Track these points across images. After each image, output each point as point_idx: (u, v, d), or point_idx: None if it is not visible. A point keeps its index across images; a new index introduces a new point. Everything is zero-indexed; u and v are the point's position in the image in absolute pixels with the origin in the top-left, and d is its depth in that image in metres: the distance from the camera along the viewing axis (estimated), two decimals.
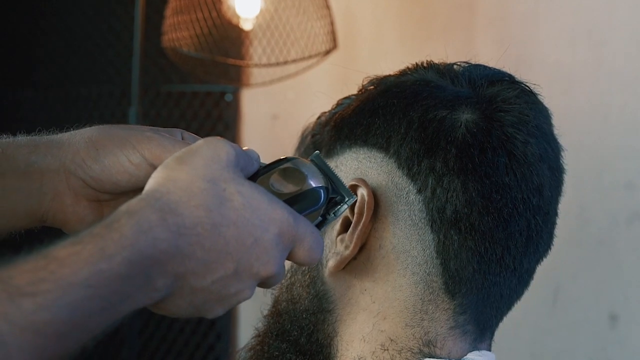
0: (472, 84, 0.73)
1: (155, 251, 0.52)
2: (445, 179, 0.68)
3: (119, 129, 0.66)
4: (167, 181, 0.55)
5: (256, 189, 0.58)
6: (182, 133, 0.68)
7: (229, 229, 0.56)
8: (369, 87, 0.76)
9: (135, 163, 0.64)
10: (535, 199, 0.70)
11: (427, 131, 0.69)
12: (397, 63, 0.78)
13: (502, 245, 0.69)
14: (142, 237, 0.52)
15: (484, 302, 0.71)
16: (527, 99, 0.72)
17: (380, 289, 0.71)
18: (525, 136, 0.70)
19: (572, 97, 1.71)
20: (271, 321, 0.76)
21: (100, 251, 0.50)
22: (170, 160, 0.58)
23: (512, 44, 1.77)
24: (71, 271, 0.49)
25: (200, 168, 0.56)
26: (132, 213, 0.53)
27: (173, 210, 0.54)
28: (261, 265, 0.58)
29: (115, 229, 0.52)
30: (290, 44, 1.87)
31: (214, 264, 0.55)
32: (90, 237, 0.51)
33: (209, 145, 0.58)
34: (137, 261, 0.51)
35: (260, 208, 0.57)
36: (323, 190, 0.64)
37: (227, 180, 0.57)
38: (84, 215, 0.66)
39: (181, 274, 0.54)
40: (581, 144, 1.65)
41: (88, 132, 0.66)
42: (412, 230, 0.70)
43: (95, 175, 0.64)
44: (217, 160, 0.57)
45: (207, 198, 0.55)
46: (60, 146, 0.65)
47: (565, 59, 1.75)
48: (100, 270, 0.50)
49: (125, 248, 0.51)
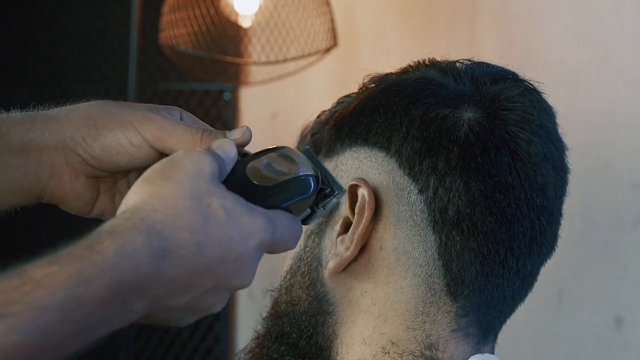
0: (474, 82, 0.73)
1: (136, 276, 0.52)
2: (448, 178, 0.68)
3: (119, 107, 0.65)
4: (152, 198, 0.55)
5: (238, 201, 0.58)
6: (181, 112, 0.68)
7: (213, 249, 0.55)
8: (369, 85, 0.76)
9: (136, 145, 0.64)
10: (539, 199, 0.70)
11: (429, 130, 0.69)
12: (399, 61, 0.78)
13: (506, 247, 0.69)
14: (125, 261, 0.51)
15: (487, 304, 0.71)
16: (531, 97, 0.72)
17: (381, 290, 0.71)
18: (529, 135, 0.70)
19: (576, 95, 1.71)
20: (270, 323, 0.76)
21: (79, 274, 0.49)
22: (152, 173, 0.57)
23: (515, 41, 1.77)
24: (46, 293, 0.48)
25: (186, 183, 0.56)
26: (116, 235, 0.52)
27: (159, 233, 0.53)
28: (239, 279, 0.58)
29: (97, 251, 0.51)
30: (290, 42, 1.87)
31: (194, 283, 0.55)
32: (69, 258, 0.50)
33: (192, 158, 0.58)
34: (116, 286, 0.51)
35: (242, 223, 0.57)
36: (313, 178, 0.64)
37: (211, 194, 0.56)
38: (81, 192, 0.66)
39: (161, 296, 0.54)
40: (586, 143, 1.65)
41: (87, 108, 0.65)
42: (414, 231, 0.70)
43: (95, 154, 0.64)
44: (201, 174, 0.57)
45: (192, 217, 0.55)
46: (58, 123, 0.65)
47: (570, 57, 1.75)
48: (77, 295, 0.49)
49: (105, 272, 0.50)
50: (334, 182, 0.65)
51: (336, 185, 0.65)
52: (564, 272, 1.69)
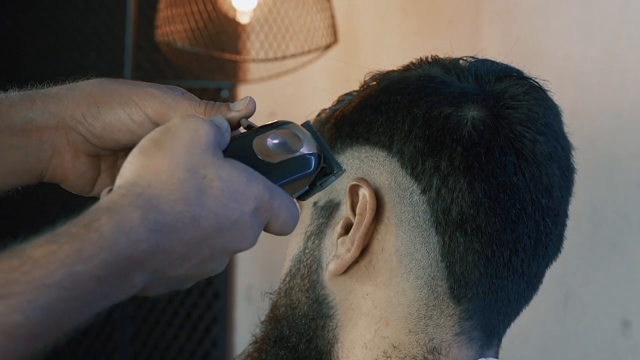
0: (478, 79, 0.73)
1: (134, 251, 0.53)
2: (451, 178, 0.68)
3: (119, 83, 0.66)
4: (147, 172, 0.56)
5: (235, 168, 0.58)
6: (183, 93, 0.68)
7: (208, 219, 0.56)
8: (371, 83, 0.76)
9: (138, 121, 0.65)
10: (544, 200, 0.70)
11: (432, 129, 0.69)
12: (401, 58, 0.78)
13: (510, 248, 0.69)
14: (123, 238, 0.52)
15: (491, 307, 0.71)
16: (536, 96, 0.72)
17: (383, 293, 0.71)
18: (534, 134, 0.70)
19: (582, 93, 1.71)
20: (269, 327, 0.76)
21: (78, 252, 0.51)
22: (147, 143, 0.57)
23: (520, 38, 1.77)
24: (46, 272, 0.49)
25: (180, 155, 0.56)
26: (113, 211, 0.53)
27: (155, 207, 0.54)
28: (236, 244, 0.59)
29: (95, 229, 0.52)
30: (289, 38, 1.87)
31: (191, 253, 0.56)
32: (68, 237, 0.51)
33: (188, 126, 0.58)
34: (115, 262, 0.52)
35: (238, 190, 0.58)
36: (315, 157, 0.64)
37: (207, 165, 0.57)
38: (83, 171, 0.67)
39: (159, 268, 0.55)
40: (593, 142, 1.65)
41: (87, 86, 0.66)
42: (416, 232, 0.70)
43: (96, 132, 0.65)
44: (197, 143, 0.57)
45: (187, 190, 0.56)
46: (58, 102, 0.65)
47: (576, 54, 1.75)
48: (77, 272, 0.50)
49: (103, 250, 0.51)
50: (334, 160, 0.66)
51: (335, 164, 0.66)
52: (570, 275, 1.69)
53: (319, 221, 0.74)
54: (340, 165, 0.66)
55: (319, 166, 0.65)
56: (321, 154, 0.65)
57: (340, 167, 0.66)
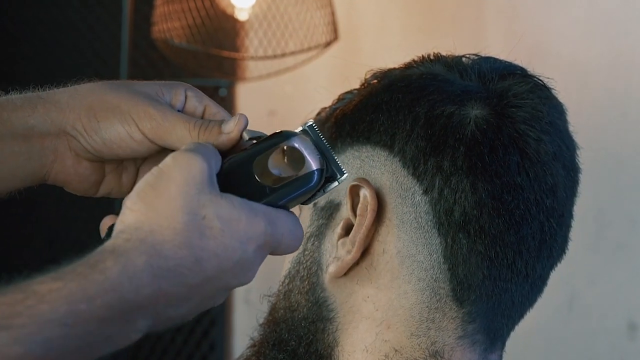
0: (481, 77, 0.73)
1: (138, 296, 0.54)
2: (453, 178, 0.68)
3: (121, 97, 0.66)
4: (148, 219, 0.57)
5: (234, 206, 0.59)
6: (187, 91, 0.68)
7: (210, 261, 0.58)
8: (372, 81, 0.76)
9: (137, 140, 0.65)
10: (549, 200, 0.70)
11: (434, 128, 0.69)
12: (402, 55, 0.78)
13: (514, 250, 0.69)
14: (126, 282, 0.54)
15: (495, 310, 0.71)
16: (541, 94, 0.72)
17: (384, 296, 0.71)
18: (538, 133, 0.70)
19: (588, 92, 1.71)
20: (268, 330, 0.76)
21: (82, 291, 0.52)
22: (145, 188, 0.58)
23: (524, 35, 1.77)
24: (49, 308, 0.51)
25: (177, 198, 0.57)
26: (118, 255, 0.55)
27: (158, 253, 0.56)
28: (239, 280, 0.60)
29: (100, 270, 0.54)
30: (289, 35, 1.87)
31: (194, 295, 0.58)
32: (73, 275, 0.53)
33: (180, 166, 0.58)
34: (117, 305, 0.54)
35: (238, 229, 0.59)
36: (318, 173, 0.64)
37: (204, 205, 0.58)
38: (85, 175, 0.68)
39: (162, 311, 0.57)
40: (598, 141, 1.65)
41: (88, 97, 0.66)
42: (418, 234, 0.70)
43: (96, 146, 0.66)
44: (192, 183, 0.58)
45: (189, 233, 0.57)
46: (59, 110, 0.66)
47: (581, 51, 1.75)
48: (80, 311, 0.52)
49: (107, 292, 0.53)
50: (336, 164, 0.66)
51: (339, 170, 0.65)
52: (575, 277, 1.69)
53: (318, 222, 0.73)
54: (341, 170, 0.65)
55: (322, 179, 0.64)
56: (324, 167, 0.64)
57: (342, 171, 0.65)
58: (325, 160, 0.65)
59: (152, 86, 0.67)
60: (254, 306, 0.73)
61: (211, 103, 0.68)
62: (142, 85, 0.67)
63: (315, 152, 0.64)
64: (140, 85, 0.67)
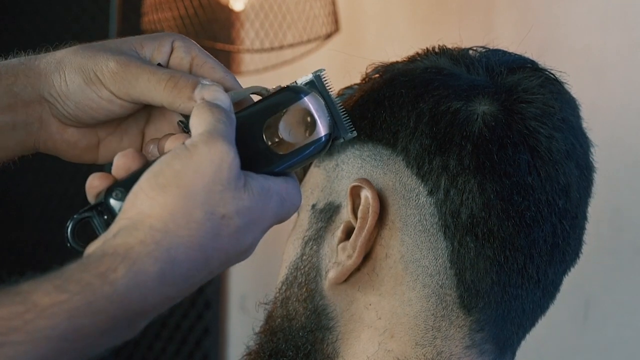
0: (490, 71, 0.73)
1: (144, 305, 0.55)
2: (460, 178, 0.68)
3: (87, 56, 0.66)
4: (164, 212, 0.57)
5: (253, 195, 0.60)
6: (175, 41, 0.69)
7: (219, 259, 0.59)
8: (373, 76, 0.76)
9: (107, 99, 0.66)
10: (561, 201, 0.70)
11: (440, 125, 0.69)
12: (406, 48, 0.78)
13: (525, 254, 0.70)
14: (135, 293, 0.55)
15: (504, 317, 0.71)
16: (552, 89, 0.72)
17: (387, 303, 0.71)
18: (549, 130, 0.70)
19: (604, 86, 1.71)
20: (264, 339, 0.76)
21: (87, 305, 0.53)
22: (167, 172, 0.58)
23: (535, 26, 1.77)
24: (48, 324, 0.51)
25: (200, 193, 0.58)
26: (130, 262, 0.55)
27: (173, 260, 0.56)
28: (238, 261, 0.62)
29: (110, 282, 0.54)
30: (287, 27, 1.87)
31: (195, 286, 0.60)
32: (80, 287, 0.53)
33: (213, 158, 0.58)
34: (122, 316, 0.54)
35: (254, 219, 0.60)
36: (327, 137, 0.66)
37: (226, 203, 0.59)
38: (74, 142, 0.69)
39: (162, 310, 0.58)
40: (614, 138, 1.65)
41: (61, 61, 0.67)
42: (423, 237, 0.70)
43: (71, 111, 0.67)
44: (219, 180, 0.58)
45: (204, 234, 0.58)
46: (37, 76, 0.67)
47: (596, 43, 1.75)
48: (82, 326, 0.53)
49: (114, 304, 0.54)
50: (342, 124, 0.68)
51: (343, 129, 0.67)
52: (590, 282, 1.69)
53: (317, 225, 0.74)
54: (346, 130, 0.67)
55: (330, 142, 0.66)
56: (332, 131, 0.66)
57: (348, 132, 0.68)
58: (332, 118, 0.66)
59: (130, 41, 0.68)
60: (250, 314, 0.74)
61: (200, 53, 0.68)
62: (119, 42, 0.68)
63: (325, 114, 0.66)
64: (117, 43, 0.68)
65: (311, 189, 0.75)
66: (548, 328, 0.80)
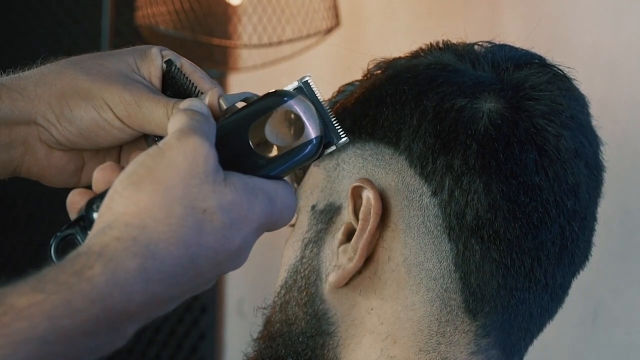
0: (495, 67, 0.73)
1: (129, 305, 0.54)
2: (465, 179, 0.68)
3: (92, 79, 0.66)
4: (140, 209, 0.56)
5: (236, 190, 0.59)
6: (162, 50, 0.69)
7: (207, 258, 0.58)
8: (375, 72, 0.76)
9: (117, 127, 0.66)
10: (570, 202, 0.70)
11: (444, 123, 0.69)
12: (409, 43, 0.78)
13: (532, 256, 0.70)
14: (116, 291, 0.54)
15: (511, 322, 0.71)
16: (561, 85, 0.72)
17: (390, 308, 0.71)
18: (558, 128, 0.70)
19: (614, 83, 1.71)
20: (262, 345, 0.76)
21: (66, 304, 0.52)
22: (139, 170, 0.58)
23: (543, 21, 1.77)
24: (27, 325, 0.50)
25: (177, 187, 0.57)
26: (107, 259, 0.54)
27: (152, 254, 0.55)
28: (232, 267, 0.61)
29: (87, 278, 0.53)
30: (285, 21, 1.87)
31: (186, 292, 0.59)
32: (56, 286, 0.52)
33: (186, 152, 0.58)
34: (105, 317, 0.53)
35: (239, 216, 0.59)
36: (318, 140, 0.65)
37: (206, 197, 0.58)
38: (61, 166, 0.69)
39: (152, 314, 0.57)
40: (624, 137, 1.65)
41: (57, 82, 0.66)
42: (427, 239, 0.70)
43: (71, 137, 0.66)
44: (196, 173, 0.58)
45: (185, 230, 0.57)
46: (27, 100, 0.66)
47: (606, 38, 1.75)
48: (61, 327, 0.52)
49: (94, 303, 0.53)
50: (334, 129, 0.67)
51: (335, 133, 0.67)
52: (600, 286, 1.69)
53: (317, 227, 0.74)
54: (340, 136, 0.67)
55: (321, 147, 0.66)
56: (323, 134, 0.66)
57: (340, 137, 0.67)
58: (323, 123, 0.65)
59: (126, 60, 0.68)
60: (248, 319, 0.74)
61: (186, 63, 0.69)
62: (115, 62, 0.67)
63: (314, 117, 0.65)
64: (113, 62, 0.67)
65: (311, 190, 0.75)
66: (556, 333, 0.80)
